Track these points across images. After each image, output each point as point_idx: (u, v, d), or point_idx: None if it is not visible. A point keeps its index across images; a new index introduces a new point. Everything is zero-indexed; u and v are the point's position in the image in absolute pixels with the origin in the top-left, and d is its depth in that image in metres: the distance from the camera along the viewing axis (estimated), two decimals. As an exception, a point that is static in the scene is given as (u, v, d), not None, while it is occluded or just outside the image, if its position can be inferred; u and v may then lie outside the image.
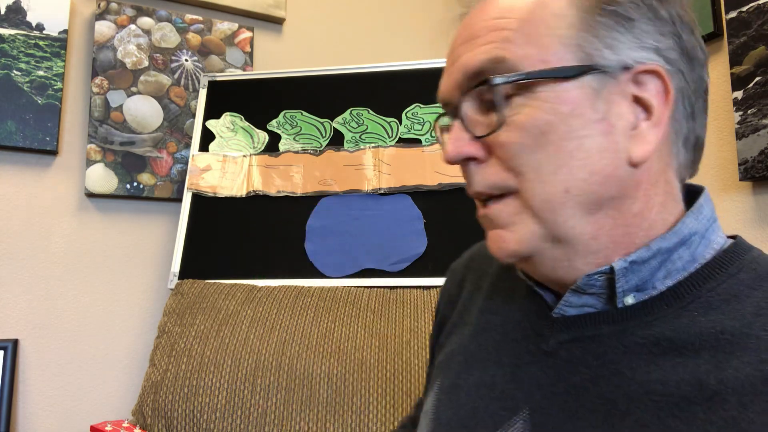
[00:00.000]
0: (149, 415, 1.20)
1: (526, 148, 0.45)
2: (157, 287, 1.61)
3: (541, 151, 0.44)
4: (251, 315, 1.29)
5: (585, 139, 0.44)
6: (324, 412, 1.14)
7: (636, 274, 0.45)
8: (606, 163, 0.44)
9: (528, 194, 0.45)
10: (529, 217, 0.46)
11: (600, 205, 0.45)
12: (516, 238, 0.47)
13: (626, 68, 0.44)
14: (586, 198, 0.44)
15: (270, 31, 1.85)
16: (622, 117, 0.44)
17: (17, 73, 1.48)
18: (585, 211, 0.45)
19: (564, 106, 0.44)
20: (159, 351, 1.29)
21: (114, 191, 1.55)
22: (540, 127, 0.44)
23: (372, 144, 1.53)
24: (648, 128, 0.44)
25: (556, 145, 0.44)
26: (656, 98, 0.44)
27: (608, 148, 0.44)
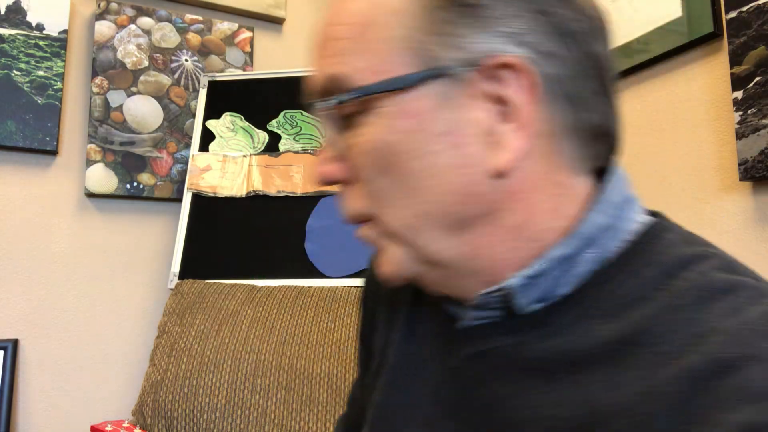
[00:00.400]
0: (149, 414, 1.20)
1: (372, 173, 0.40)
2: (157, 287, 1.61)
3: (387, 176, 0.39)
4: (251, 315, 1.29)
5: (434, 156, 0.38)
6: (324, 411, 1.14)
7: (536, 287, 0.39)
8: (463, 180, 0.38)
9: (383, 219, 0.41)
10: (392, 242, 0.42)
11: (466, 224, 0.39)
12: (389, 262, 0.43)
13: (475, 66, 0.37)
14: (446, 220, 0.39)
15: (270, 31, 1.85)
16: (476, 124, 0.38)
17: (17, 73, 1.49)
18: (449, 233, 0.40)
19: (405, 122, 0.38)
20: (159, 351, 1.29)
21: (114, 191, 1.56)
22: (381, 149, 0.39)
23: (372, 144, 1.53)
24: (510, 132, 0.38)
25: (402, 167, 0.39)
26: (519, 95, 0.37)
27: (462, 162, 0.38)
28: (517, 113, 0.37)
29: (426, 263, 0.41)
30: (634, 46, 1.31)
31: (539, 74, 0.37)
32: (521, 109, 0.37)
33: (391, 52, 0.39)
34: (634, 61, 1.28)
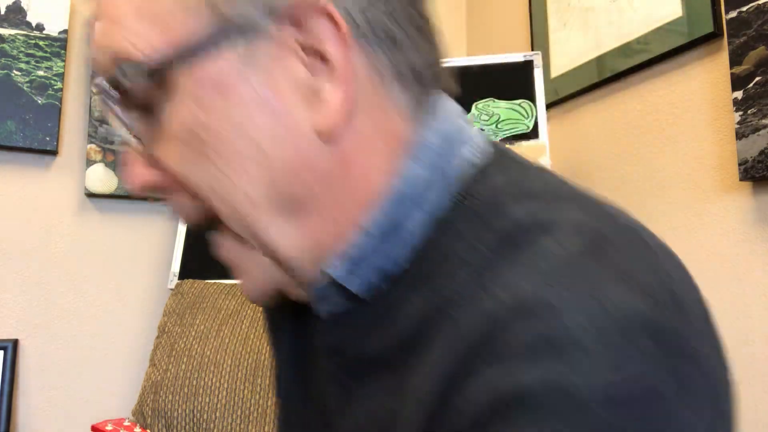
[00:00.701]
0: (149, 414, 1.20)
1: (185, 164, 0.34)
2: (157, 287, 1.61)
3: (201, 163, 0.33)
4: (251, 315, 1.29)
5: (248, 129, 0.32)
6: (324, 412, 1.15)
7: (359, 274, 0.34)
8: (290, 150, 0.32)
9: (224, 219, 0.36)
10: (241, 245, 0.37)
11: (302, 205, 0.34)
12: (249, 279, 0.38)
13: (276, 16, 0.32)
14: (275, 201, 0.33)
15: (270, 31, 1.85)
16: (291, 83, 0.32)
17: (17, 73, 1.49)
18: (286, 218, 0.34)
19: (205, 92, 0.32)
20: (159, 351, 1.29)
21: (114, 191, 1.56)
22: (186, 131, 0.33)
23: (372, 144, 1.53)
24: (328, 86, 0.32)
25: (214, 148, 0.32)
26: (331, 43, 0.32)
27: (285, 130, 0.32)
28: (333, 64, 0.32)
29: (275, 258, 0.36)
30: (634, 46, 1.30)
31: (350, 18, 0.33)
32: (337, 59, 0.32)
33: (175, 15, 0.32)
34: (634, 61, 1.28)
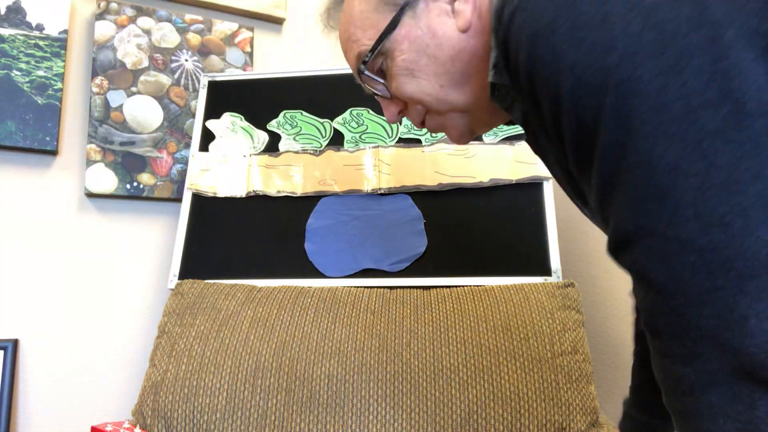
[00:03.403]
0: (149, 415, 1.20)
1: (408, 85, 0.63)
2: (157, 287, 1.61)
3: (415, 81, 0.62)
4: (251, 315, 1.29)
5: (427, 49, 0.61)
6: (324, 413, 1.14)
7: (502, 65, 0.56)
8: (445, 50, 0.60)
9: (430, 105, 0.64)
10: (445, 115, 0.64)
11: (466, 72, 0.61)
12: (454, 130, 0.66)
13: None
14: (453, 79, 0.61)
15: (270, 31, 1.85)
16: (440, 13, 0.60)
17: (17, 73, 1.48)
18: (460, 85, 0.61)
19: (405, 45, 0.61)
20: (159, 351, 1.29)
21: (114, 191, 1.55)
22: (405, 67, 0.62)
23: (372, 144, 1.53)
24: (459, 3, 0.60)
25: (418, 69, 0.62)
26: None
27: (441, 41, 0.60)
28: None
29: (467, 113, 0.64)
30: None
31: None
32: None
33: (373, 18, 0.63)
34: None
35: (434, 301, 1.29)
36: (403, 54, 0.62)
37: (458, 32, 0.59)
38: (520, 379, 1.14)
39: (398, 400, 1.14)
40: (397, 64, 0.63)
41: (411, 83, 0.63)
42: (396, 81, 0.64)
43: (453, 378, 1.15)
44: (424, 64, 0.61)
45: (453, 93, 0.62)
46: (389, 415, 1.13)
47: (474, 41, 0.59)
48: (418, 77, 0.62)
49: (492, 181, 1.43)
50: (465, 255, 1.40)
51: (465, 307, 1.26)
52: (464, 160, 1.46)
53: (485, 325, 1.22)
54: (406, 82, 0.63)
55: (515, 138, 1.47)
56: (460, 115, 0.64)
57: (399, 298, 1.32)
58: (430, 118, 0.66)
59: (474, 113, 0.64)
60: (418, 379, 1.16)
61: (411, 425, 1.12)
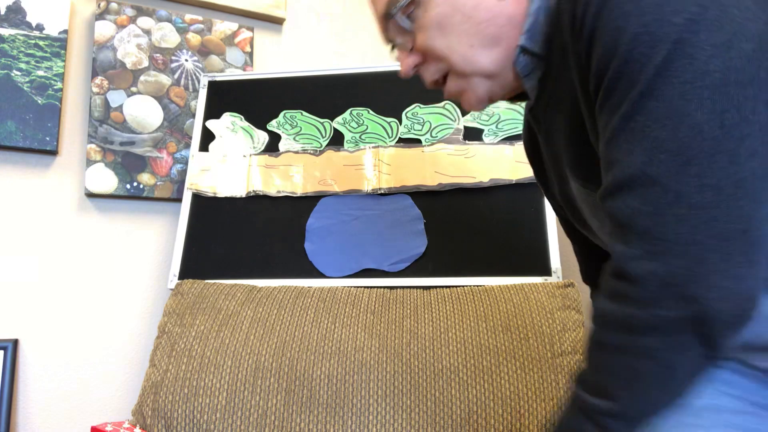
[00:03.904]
0: (149, 415, 1.20)
1: (438, 40, 0.63)
2: (157, 287, 1.61)
3: (446, 36, 0.62)
4: (251, 315, 1.29)
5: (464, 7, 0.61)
6: (324, 413, 1.14)
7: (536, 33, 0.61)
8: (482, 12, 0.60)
9: (454, 65, 0.63)
10: (468, 77, 0.64)
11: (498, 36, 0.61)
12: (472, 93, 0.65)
13: None
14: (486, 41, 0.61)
15: (270, 31, 1.85)
16: None
17: (17, 73, 1.48)
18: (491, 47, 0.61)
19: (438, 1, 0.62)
20: (159, 351, 1.29)
21: (114, 191, 1.55)
22: (436, 21, 0.62)
23: (372, 144, 1.53)
24: None
25: (450, 24, 0.61)
26: None
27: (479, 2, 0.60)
28: None
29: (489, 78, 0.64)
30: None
31: None
32: None
33: None
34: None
35: (434, 301, 1.29)
36: (438, 7, 0.61)
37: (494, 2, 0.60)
38: (520, 379, 1.14)
39: (398, 400, 1.14)
40: (429, 16, 0.62)
41: (441, 38, 0.62)
42: (425, 33, 0.63)
43: (453, 378, 1.15)
44: (457, 21, 0.61)
45: (482, 55, 0.62)
46: (389, 415, 1.13)
47: (510, 8, 0.60)
48: (449, 33, 0.61)
49: (492, 181, 1.43)
50: (465, 255, 1.40)
51: (465, 307, 1.26)
52: (464, 160, 1.46)
53: (485, 325, 1.22)
54: (436, 37, 0.62)
55: (515, 138, 1.47)
56: (483, 79, 0.64)
57: (399, 298, 1.32)
58: (452, 79, 0.66)
59: (496, 78, 0.64)
60: (418, 379, 1.16)
61: (411, 425, 1.12)
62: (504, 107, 1.51)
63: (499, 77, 0.64)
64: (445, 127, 1.51)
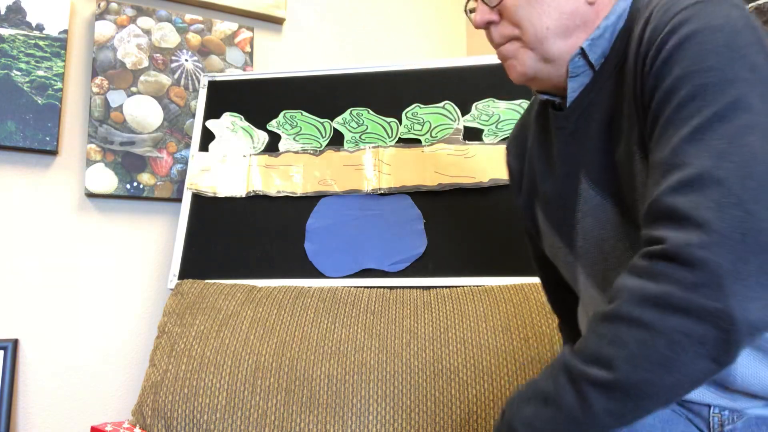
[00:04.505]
0: (149, 415, 1.20)
1: (520, 8, 0.69)
2: (157, 287, 1.61)
3: (529, 8, 0.69)
4: (251, 315, 1.29)
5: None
6: (324, 413, 1.14)
7: (598, 45, 0.69)
8: (571, 6, 0.68)
9: (525, 37, 0.70)
10: (527, 50, 0.71)
11: (572, 31, 0.69)
12: (522, 64, 0.72)
13: None
14: (561, 29, 0.69)
15: (270, 31, 1.85)
16: None
17: (17, 73, 1.48)
18: (563, 37, 0.69)
19: None
20: (159, 351, 1.29)
21: (114, 191, 1.55)
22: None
23: (372, 144, 1.53)
24: None
25: (538, 3, 0.68)
26: None
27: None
28: None
29: (545, 61, 0.71)
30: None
31: None
32: None
33: None
34: (634, 61, 1.28)
35: (434, 301, 1.29)
36: None
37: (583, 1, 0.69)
38: (520, 379, 1.14)
39: (398, 400, 1.14)
40: None
41: (526, 8, 0.69)
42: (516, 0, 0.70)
43: (453, 378, 1.15)
44: (546, 2, 0.69)
45: (552, 39, 0.70)
46: (389, 415, 1.13)
47: (591, 12, 0.69)
48: (535, 7, 0.69)
49: (492, 181, 1.43)
50: (465, 255, 1.40)
51: (465, 307, 1.26)
52: (464, 160, 1.46)
53: (485, 325, 1.22)
54: (524, 6, 0.70)
55: (515, 138, 1.47)
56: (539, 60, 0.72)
57: (399, 298, 1.31)
58: (513, 45, 0.72)
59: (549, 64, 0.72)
60: (418, 379, 1.16)
61: (411, 425, 1.12)
62: (504, 107, 1.51)
63: (552, 65, 0.71)
64: (445, 127, 1.51)
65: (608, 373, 0.54)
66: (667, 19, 0.61)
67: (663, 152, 0.57)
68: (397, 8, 2.04)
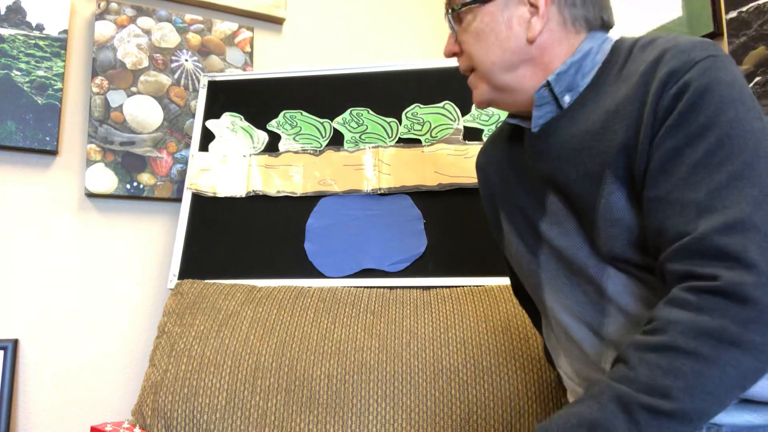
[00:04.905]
0: (149, 415, 1.20)
1: (472, 44, 0.80)
2: (157, 287, 1.61)
3: (478, 44, 0.80)
4: (251, 315, 1.29)
5: (499, 33, 0.78)
6: (324, 413, 1.14)
7: (563, 79, 0.76)
8: (512, 43, 0.77)
9: (478, 68, 0.81)
10: (482, 81, 0.81)
11: (516, 65, 0.78)
12: (478, 93, 0.83)
13: None
14: (505, 64, 0.78)
15: (270, 31, 1.85)
16: (520, 17, 0.77)
17: (17, 73, 1.48)
18: (508, 71, 0.79)
19: (486, 18, 0.79)
20: (159, 351, 1.29)
21: (114, 191, 1.56)
22: (476, 31, 0.80)
23: (372, 144, 1.53)
24: (535, 20, 0.76)
25: (484, 39, 0.79)
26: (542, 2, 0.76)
27: (512, 36, 0.77)
28: (540, 10, 0.76)
29: (498, 89, 0.80)
30: (634, 46, 1.30)
31: None
32: (542, 8, 0.76)
33: None
34: (634, 61, 1.28)
35: (434, 301, 1.29)
36: (483, 24, 0.79)
37: (525, 39, 0.77)
38: (520, 379, 1.14)
39: (398, 400, 1.14)
40: (474, 25, 0.80)
41: (474, 44, 0.80)
42: (466, 35, 0.81)
43: (453, 378, 1.15)
44: (491, 41, 0.78)
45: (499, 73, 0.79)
46: (389, 415, 1.13)
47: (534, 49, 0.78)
48: (480, 44, 0.79)
49: (492, 181, 1.43)
50: (465, 255, 1.40)
51: (465, 307, 1.26)
52: (464, 160, 1.46)
53: (485, 325, 1.22)
54: (471, 42, 0.80)
55: (515, 138, 1.47)
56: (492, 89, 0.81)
57: (399, 298, 1.32)
58: (474, 75, 0.83)
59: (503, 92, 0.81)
60: (418, 379, 1.16)
61: (411, 425, 1.12)
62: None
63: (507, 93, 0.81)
64: (444, 127, 1.51)
65: (668, 402, 0.57)
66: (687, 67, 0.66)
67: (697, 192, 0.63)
68: (397, 8, 2.04)
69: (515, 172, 0.87)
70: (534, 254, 0.83)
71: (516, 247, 0.87)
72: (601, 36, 0.79)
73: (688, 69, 0.66)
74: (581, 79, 0.77)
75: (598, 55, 0.77)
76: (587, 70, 0.77)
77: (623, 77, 0.73)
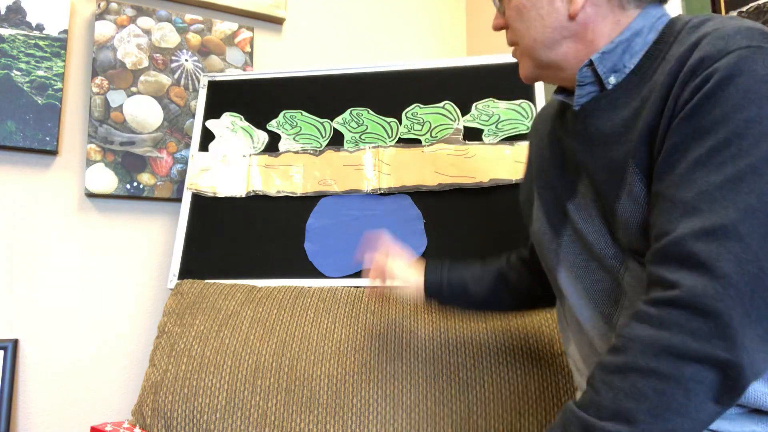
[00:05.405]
0: (149, 415, 1.20)
1: (514, 20, 0.79)
2: (157, 287, 1.61)
3: (520, 20, 0.78)
4: (251, 315, 1.29)
5: (540, 9, 0.75)
6: (324, 413, 1.14)
7: (608, 59, 0.72)
8: (553, 19, 0.74)
9: (520, 44, 0.80)
10: (525, 56, 0.80)
11: (558, 42, 0.75)
12: (523, 68, 0.82)
13: None
14: (547, 41, 0.76)
15: (270, 31, 1.85)
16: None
17: (17, 73, 1.48)
18: (550, 48, 0.76)
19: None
20: (159, 351, 1.29)
21: (114, 191, 1.56)
22: (518, 7, 0.77)
23: (372, 144, 1.53)
24: None
25: (526, 15, 0.77)
26: None
27: (553, 11, 0.74)
28: None
29: (542, 67, 0.79)
30: (634, 46, 1.31)
31: None
32: None
33: None
34: (634, 61, 1.28)
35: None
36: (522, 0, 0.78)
37: (566, 15, 0.74)
38: (520, 379, 1.14)
39: (398, 400, 1.14)
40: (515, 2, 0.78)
41: (516, 20, 0.79)
42: (510, 10, 0.80)
43: (453, 378, 1.15)
44: (532, 16, 0.76)
45: (540, 50, 0.77)
46: (389, 415, 1.13)
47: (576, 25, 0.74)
48: (522, 20, 0.78)
49: (492, 181, 1.43)
50: (465, 255, 1.40)
51: (465, 307, 1.26)
52: (464, 160, 1.46)
53: (485, 325, 1.22)
54: (514, 18, 0.79)
55: (515, 138, 1.47)
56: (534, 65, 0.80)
57: (399, 299, 1.32)
58: (517, 49, 0.82)
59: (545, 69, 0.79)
60: (418, 379, 1.16)
61: (411, 425, 1.12)
62: (504, 107, 1.51)
63: (550, 70, 0.79)
64: (444, 127, 1.51)
65: (632, 427, 0.55)
66: (720, 55, 0.60)
67: (688, 191, 0.59)
68: (397, 8, 2.04)
69: (552, 149, 0.85)
70: (557, 234, 0.81)
71: (540, 225, 0.85)
72: (656, 13, 0.73)
73: (720, 57, 0.60)
74: (629, 60, 0.71)
75: (650, 34, 0.71)
76: (636, 50, 0.71)
77: (667, 61, 0.67)
